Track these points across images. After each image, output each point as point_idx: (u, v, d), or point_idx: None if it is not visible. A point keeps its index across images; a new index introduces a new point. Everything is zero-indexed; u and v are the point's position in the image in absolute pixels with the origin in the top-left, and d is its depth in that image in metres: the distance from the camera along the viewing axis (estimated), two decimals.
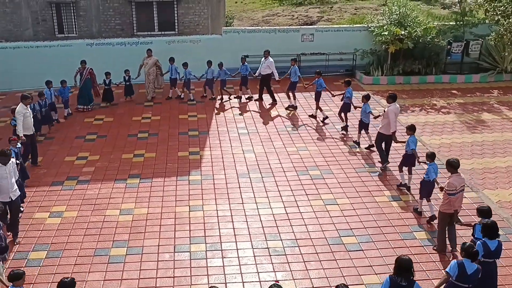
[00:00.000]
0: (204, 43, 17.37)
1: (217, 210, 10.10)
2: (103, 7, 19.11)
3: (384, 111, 11.43)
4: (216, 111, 15.25)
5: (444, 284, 6.83)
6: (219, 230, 9.47)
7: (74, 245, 9.09)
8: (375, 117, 12.41)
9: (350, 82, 13.35)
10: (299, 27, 19.21)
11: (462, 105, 15.80)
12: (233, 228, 9.53)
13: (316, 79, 14.09)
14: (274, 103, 15.72)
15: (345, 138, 13.26)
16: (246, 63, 15.59)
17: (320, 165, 11.85)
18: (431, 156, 9.48)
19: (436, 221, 9.18)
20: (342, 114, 13.56)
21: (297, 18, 28.74)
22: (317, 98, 14.22)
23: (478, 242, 7.05)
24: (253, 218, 9.84)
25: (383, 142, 11.50)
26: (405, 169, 10.74)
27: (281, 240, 9.17)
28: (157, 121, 14.57)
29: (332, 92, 14.20)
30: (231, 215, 9.94)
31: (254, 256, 8.76)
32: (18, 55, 16.64)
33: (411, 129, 10.48)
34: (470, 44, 17.72)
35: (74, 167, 11.94)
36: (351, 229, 9.48)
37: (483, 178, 11.37)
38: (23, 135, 11.17)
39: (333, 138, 13.35)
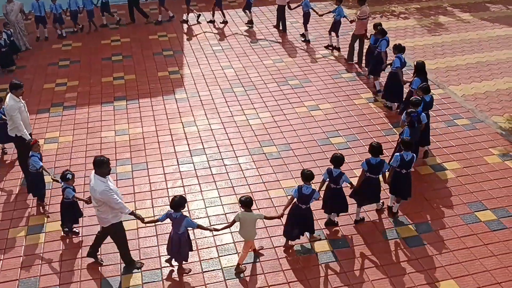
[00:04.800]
0: None
1: (209, 124, 10.63)
2: None
3: None
4: (185, 30, 15.26)
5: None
6: (216, 142, 10.07)
7: (78, 167, 9.41)
8: None
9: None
10: None
11: (419, 10, 16.57)
12: (229, 139, 10.15)
13: None
14: (148, 19, 15.62)
15: (315, 49, 13.85)
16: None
17: (298, 75, 12.45)
18: (339, 1, 12.79)
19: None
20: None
21: None
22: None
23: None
24: (245, 128, 10.48)
25: (281, 13, 14.64)
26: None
27: (275, 145, 9.92)
28: (127, 43, 14.46)
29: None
30: (224, 128, 10.52)
31: (254, 161, 9.50)
32: None
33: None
34: None
35: (55, 93, 11.93)
36: (337, 130, 10.33)
37: (447, 76, 12.40)
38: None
39: (304, 49, 13.87)
